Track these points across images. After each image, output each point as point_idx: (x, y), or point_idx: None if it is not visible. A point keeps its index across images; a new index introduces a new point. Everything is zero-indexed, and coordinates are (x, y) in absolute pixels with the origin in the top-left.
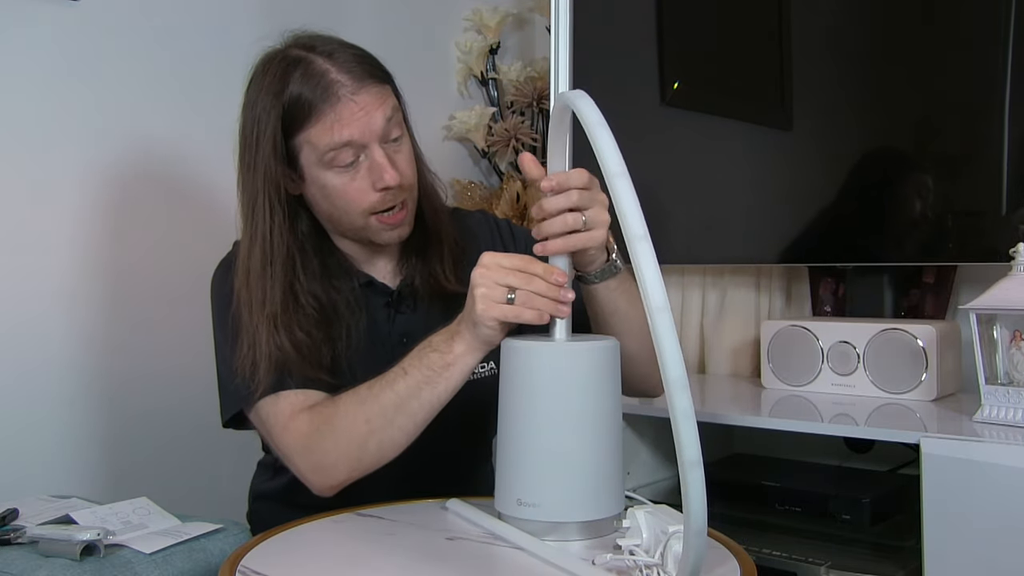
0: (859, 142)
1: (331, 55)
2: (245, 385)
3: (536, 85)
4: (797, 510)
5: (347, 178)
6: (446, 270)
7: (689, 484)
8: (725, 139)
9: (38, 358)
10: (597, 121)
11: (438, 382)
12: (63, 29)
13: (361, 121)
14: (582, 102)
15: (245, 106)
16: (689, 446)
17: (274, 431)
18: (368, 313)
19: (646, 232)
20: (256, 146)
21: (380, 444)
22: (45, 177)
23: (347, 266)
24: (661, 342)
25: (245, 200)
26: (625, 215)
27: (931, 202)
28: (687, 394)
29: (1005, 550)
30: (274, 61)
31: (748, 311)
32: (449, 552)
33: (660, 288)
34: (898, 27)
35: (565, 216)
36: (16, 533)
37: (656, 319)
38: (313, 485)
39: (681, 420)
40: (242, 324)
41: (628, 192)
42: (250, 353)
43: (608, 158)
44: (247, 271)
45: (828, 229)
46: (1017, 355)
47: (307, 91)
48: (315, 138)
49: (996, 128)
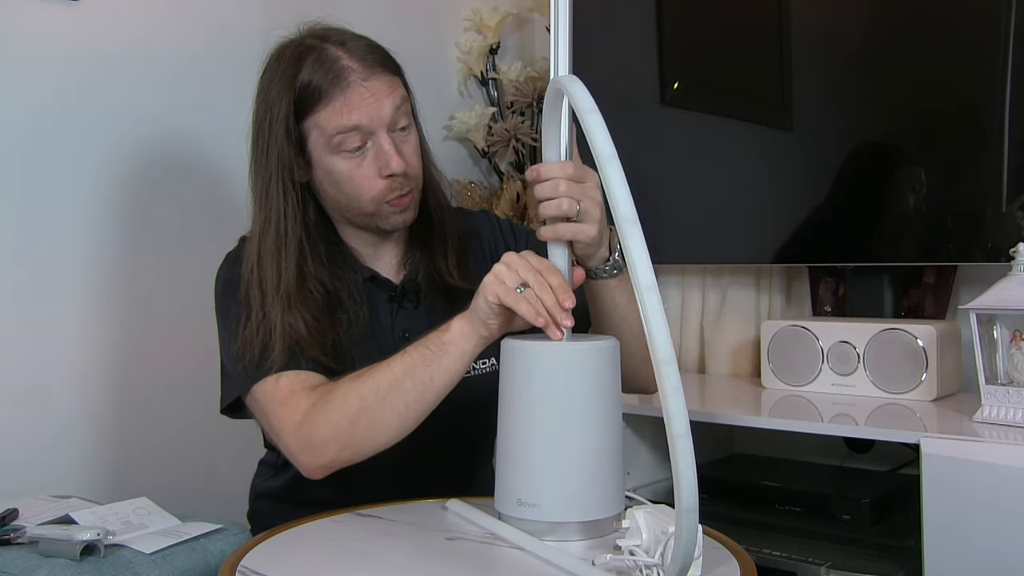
0: (859, 142)
1: (343, 44)
2: (254, 364)
3: (536, 85)
4: (797, 510)
5: (354, 164)
6: (449, 265)
7: (679, 457)
8: (725, 139)
9: (38, 358)
10: (588, 107)
11: (433, 361)
12: (63, 29)
13: (370, 106)
14: (574, 87)
15: (259, 93)
16: (677, 419)
17: (270, 408)
18: (371, 307)
19: (635, 215)
20: (269, 130)
21: (371, 422)
22: (45, 177)
23: (351, 259)
24: (650, 320)
25: (259, 184)
26: (615, 198)
27: (931, 202)
28: (675, 369)
29: (1005, 550)
30: (288, 49)
31: (748, 311)
32: (449, 552)
33: (648, 268)
34: (898, 27)
35: (561, 200)
36: (16, 533)
37: (645, 297)
38: (302, 465)
39: (670, 394)
40: (252, 305)
41: (618, 176)
42: (261, 332)
43: (599, 142)
44: (260, 252)
45: (828, 229)
46: (1017, 355)
47: (318, 76)
48: (324, 121)
49: (996, 128)
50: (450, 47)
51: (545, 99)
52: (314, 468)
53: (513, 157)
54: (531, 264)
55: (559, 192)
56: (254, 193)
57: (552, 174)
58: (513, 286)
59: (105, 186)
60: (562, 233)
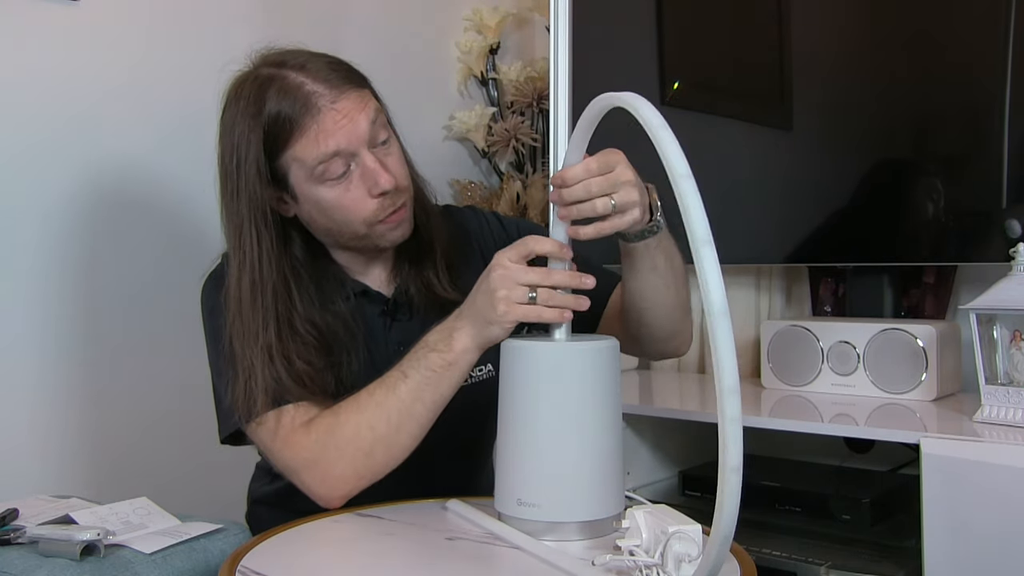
0: (859, 142)
1: (303, 67)
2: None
3: (536, 85)
4: (797, 510)
5: (341, 189)
6: (440, 277)
7: (726, 491)
8: (725, 139)
9: (38, 358)
10: (659, 123)
11: (440, 383)
12: (63, 29)
13: (346, 128)
14: (641, 104)
15: (222, 134)
16: (733, 452)
17: (274, 448)
18: (364, 322)
19: (710, 237)
20: (238, 172)
21: (388, 450)
22: (45, 177)
23: (341, 277)
24: (718, 347)
25: (231, 229)
26: (690, 219)
27: (931, 202)
28: (737, 399)
29: (1005, 550)
30: (246, 83)
31: (748, 311)
32: (449, 552)
33: (721, 293)
34: (898, 27)
35: (595, 202)
36: (16, 533)
37: (715, 323)
38: (321, 498)
39: (728, 425)
40: (236, 355)
41: (693, 195)
42: (245, 383)
43: (674, 161)
44: (238, 302)
45: (828, 229)
46: (1017, 355)
47: (286, 107)
48: (302, 153)
49: (996, 128)
50: (450, 47)
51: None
52: (333, 500)
53: (513, 157)
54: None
55: (592, 193)
56: (227, 238)
57: (579, 176)
58: (526, 299)
59: (105, 186)
60: (605, 230)
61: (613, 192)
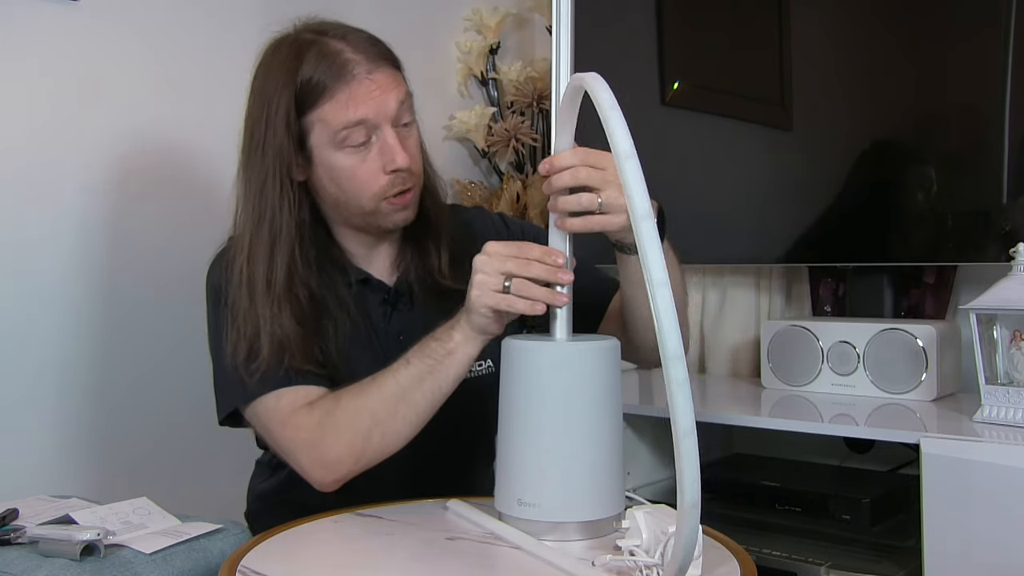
0: (859, 142)
1: (344, 37)
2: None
3: (536, 85)
4: (797, 510)
5: (358, 159)
6: (442, 265)
7: (683, 455)
8: (725, 139)
9: (38, 358)
10: (610, 104)
11: (439, 370)
12: (63, 29)
13: (376, 100)
14: (597, 84)
15: (254, 89)
16: (684, 415)
17: (273, 428)
18: (364, 311)
19: (651, 212)
20: (267, 125)
21: (384, 436)
22: (44, 177)
23: (343, 262)
24: (660, 316)
25: (253, 181)
26: (632, 196)
27: (931, 202)
28: (683, 364)
29: (1005, 550)
30: (284, 44)
31: (748, 311)
32: (449, 552)
33: (661, 265)
34: (898, 27)
35: (580, 196)
36: (16, 533)
37: (657, 294)
38: (315, 480)
39: (676, 389)
40: (240, 308)
41: (636, 173)
42: (250, 335)
43: (619, 139)
44: (251, 250)
45: (828, 229)
46: (1017, 355)
47: (321, 70)
48: (328, 116)
49: (996, 128)
50: (450, 47)
51: (564, 94)
52: (328, 483)
53: (513, 157)
54: (502, 253)
55: (579, 179)
56: (246, 190)
57: (568, 162)
58: (499, 288)
59: (104, 186)
60: (592, 225)
61: (600, 189)
